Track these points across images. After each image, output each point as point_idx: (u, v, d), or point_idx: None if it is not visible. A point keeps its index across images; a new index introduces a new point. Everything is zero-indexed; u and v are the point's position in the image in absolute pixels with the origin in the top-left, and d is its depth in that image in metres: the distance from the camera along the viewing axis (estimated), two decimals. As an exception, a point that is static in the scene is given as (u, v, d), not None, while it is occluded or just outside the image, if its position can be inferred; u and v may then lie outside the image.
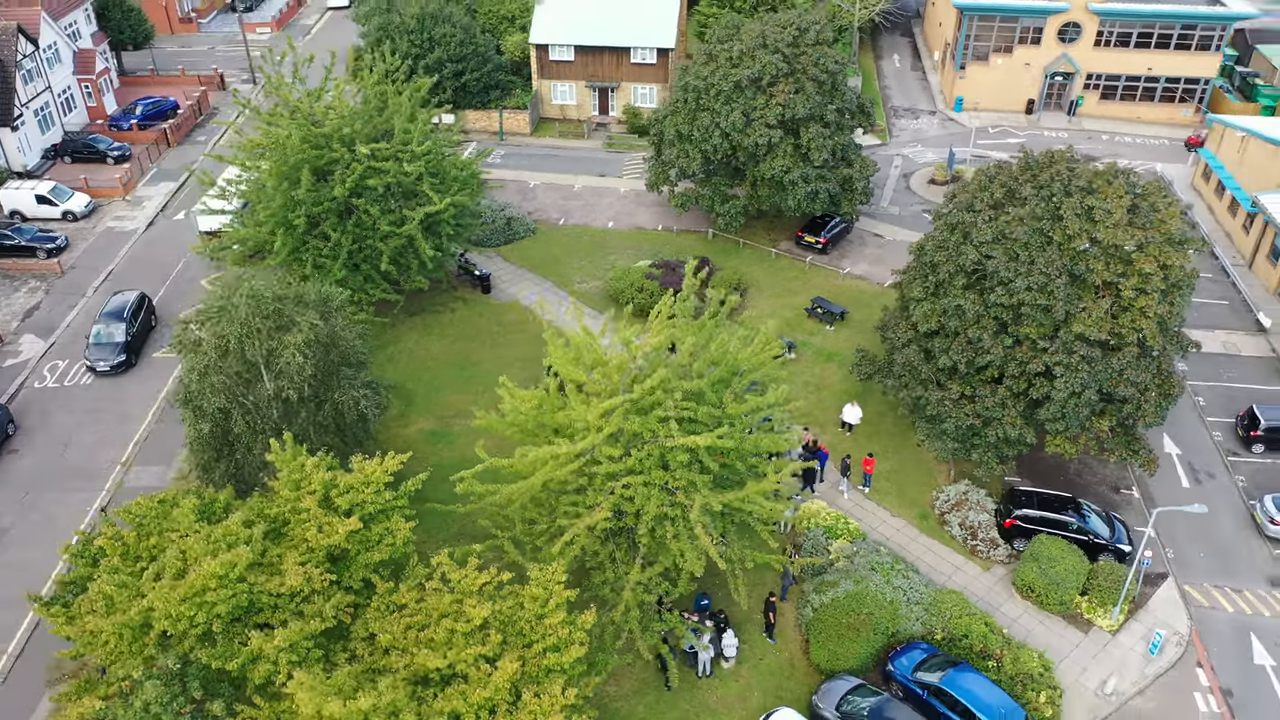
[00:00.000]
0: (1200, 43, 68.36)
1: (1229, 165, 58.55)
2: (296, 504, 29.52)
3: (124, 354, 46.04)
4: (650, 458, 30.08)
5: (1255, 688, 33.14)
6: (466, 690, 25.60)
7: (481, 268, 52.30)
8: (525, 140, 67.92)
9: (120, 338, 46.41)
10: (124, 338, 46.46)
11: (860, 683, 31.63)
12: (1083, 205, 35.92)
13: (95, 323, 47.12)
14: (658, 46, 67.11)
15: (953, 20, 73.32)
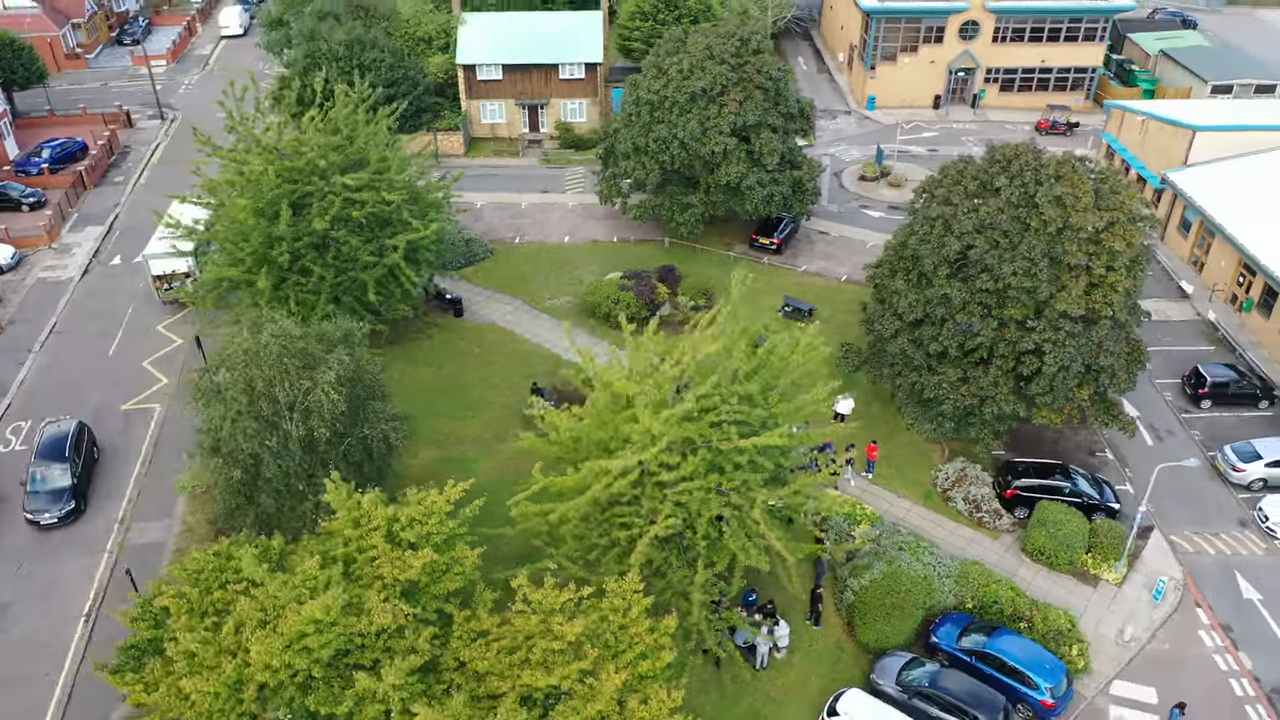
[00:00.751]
0: (1086, 34, 73.63)
1: (1131, 147, 63.34)
2: (363, 542, 29.31)
3: (71, 500, 39.17)
4: (703, 462, 31.06)
5: (1249, 620, 36.39)
6: (577, 705, 26.05)
7: (451, 291, 52.16)
8: (461, 161, 67.67)
9: (64, 481, 39.41)
10: (69, 481, 39.44)
11: (913, 656, 33.39)
12: (1053, 193, 38.72)
13: (31, 464, 39.95)
14: (585, 62, 67.97)
15: (858, 23, 76.75)
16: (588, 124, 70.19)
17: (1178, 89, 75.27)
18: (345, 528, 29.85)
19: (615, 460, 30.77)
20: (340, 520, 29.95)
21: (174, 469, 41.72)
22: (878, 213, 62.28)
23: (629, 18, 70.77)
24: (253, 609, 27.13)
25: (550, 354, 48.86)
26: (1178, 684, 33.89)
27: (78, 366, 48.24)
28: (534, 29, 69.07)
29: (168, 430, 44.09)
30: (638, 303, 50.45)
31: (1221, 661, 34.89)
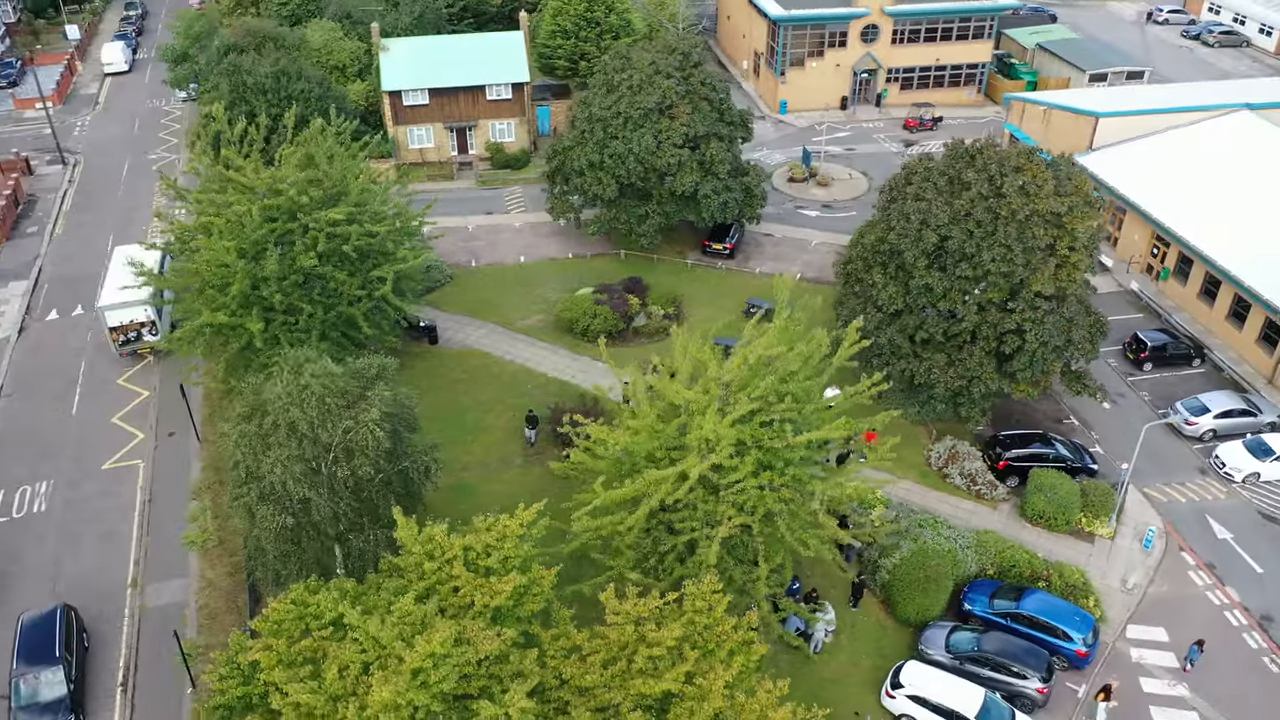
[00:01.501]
0: (975, 33, 78.59)
1: (1035, 135, 68.06)
2: (442, 573, 29.38)
3: (71, 714, 32.50)
4: (754, 462, 32.36)
5: (1227, 558, 40.13)
6: (692, 706, 26.92)
7: (423, 319, 51.86)
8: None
9: (60, 689, 32.56)
10: (64, 688, 32.61)
11: (954, 625, 35.57)
12: (1016, 182, 41.78)
13: (13, 671, 32.93)
14: (512, 82, 68.38)
15: (763, 31, 79.63)
16: (517, 143, 70.55)
17: (1058, 79, 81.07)
18: (421, 561, 29.83)
19: (675, 468, 31.77)
20: (416, 554, 29.88)
21: (175, 526, 40.38)
22: (814, 212, 64.98)
23: (549, 36, 71.52)
24: (354, 652, 26.93)
25: (536, 373, 49.28)
26: (1181, 621, 37.18)
27: (41, 430, 45.83)
28: (457, 52, 69.04)
29: (159, 486, 42.48)
30: (614, 315, 51.39)
31: (1213, 597, 38.43)
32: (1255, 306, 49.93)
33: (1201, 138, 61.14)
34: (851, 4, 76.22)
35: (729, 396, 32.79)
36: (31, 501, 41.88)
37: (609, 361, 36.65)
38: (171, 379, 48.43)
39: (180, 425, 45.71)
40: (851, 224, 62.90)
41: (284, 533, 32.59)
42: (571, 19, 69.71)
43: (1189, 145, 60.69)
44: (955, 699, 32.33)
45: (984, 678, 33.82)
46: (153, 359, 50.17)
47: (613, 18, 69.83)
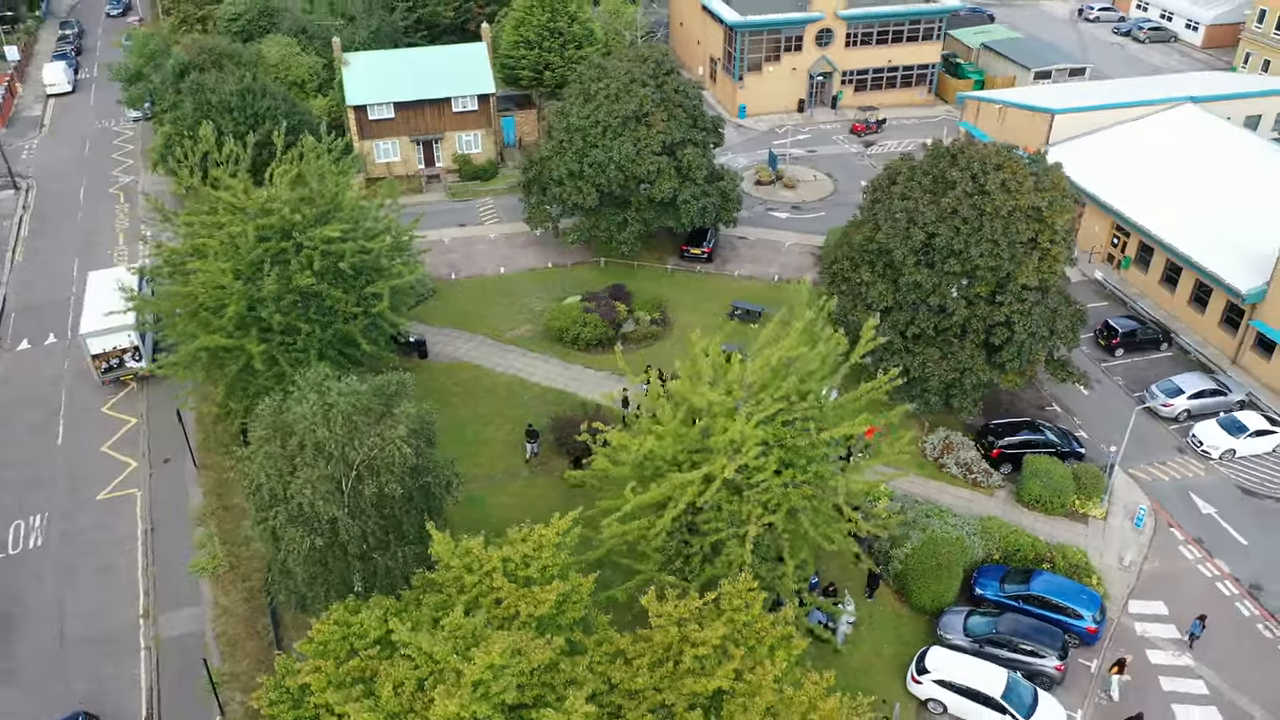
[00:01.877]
0: (924, 34, 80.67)
1: (991, 132, 70.08)
2: (482, 585, 29.53)
3: None
4: (776, 460, 33.07)
5: (1212, 532, 41.99)
6: (744, 702, 27.48)
7: (411, 334, 51.63)
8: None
9: None
10: None
11: (970, 609, 36.70)
12: (998, 179, 43.22)
13: None
14: (478, 94, 68.35)
15: (719, 38, 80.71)
16: (484, 155, 70.52)
17: (1004, 78, 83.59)
18: (460, 575, 29.93)
19: (700, 470, 32.31)
20: (455, 569, 29.96)
21: (181, 554, 39.73)
22: (784, 214, 66.10)
23: (511, 47, 71.60)
24: (407, 669, 26.96)
25: (530, 384, 49.43)
26: (1178, 594, 38.85)
27: (27, 462, 44.66)
28: (420, 64, 68.76)
29: (160, 515, 41.71)
30: (603, 324, 51.79)
31: (1204, 570, 40.21)
32: (1216, 291, 52.24)
33: (1150, 131, 63.70)
34: (806, 9, 77.68)
35: (751, 397, 33.44)
36: (27, 537, 40.81)
37: (625, 369, 36.97)
38: (160, 405, 47.60)
39: (175, 451, 44.92)
40: (821, 224, 64.32)
41: (313, 554, 32.38)
42: (534, 29, 69.92)
43: (1139, 138, 63.18)
44: (980, 680, 33.40)
45: (1003, 659, 34.98)
46: (136, 385, 49.17)
47: (575, 27, 70.21)
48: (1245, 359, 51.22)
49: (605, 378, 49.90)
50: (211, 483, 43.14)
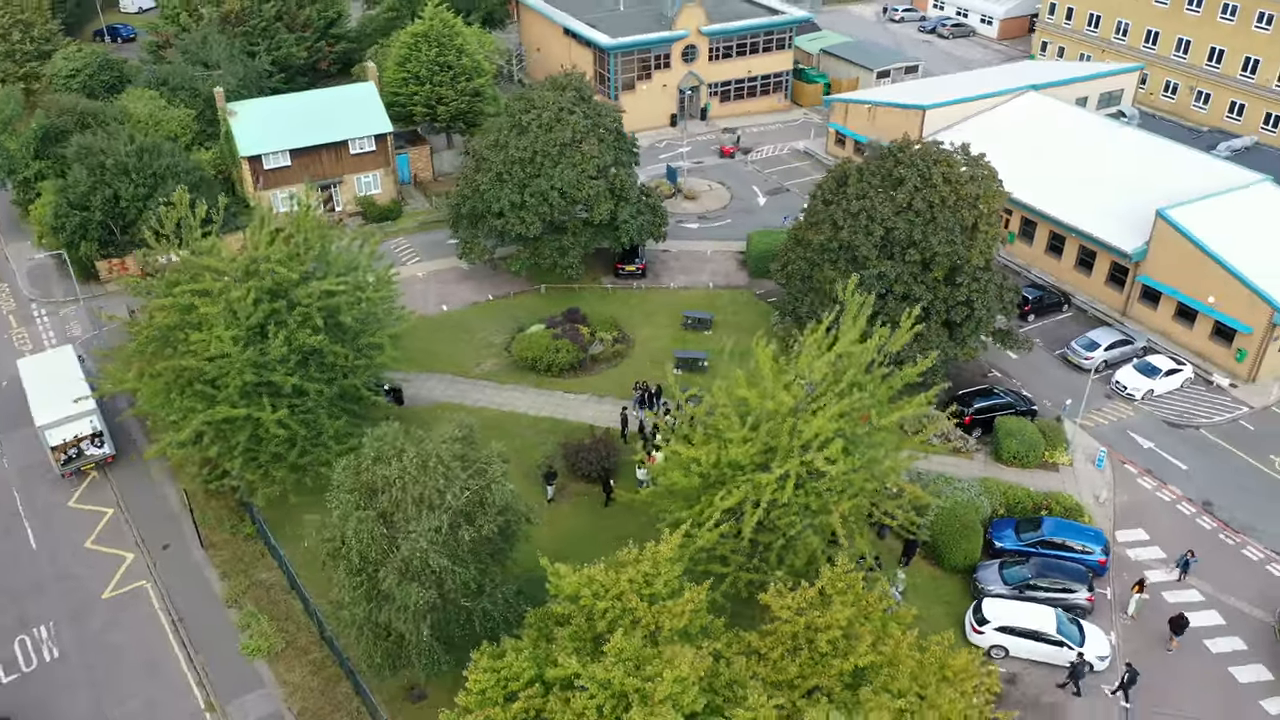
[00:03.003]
0: (777, 44, 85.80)
1: (862, 131, 75.70)
2: (621, 606, 30.36)
3: None
4: (840, 450, 35.59)
5: (1157, 462, 47.98)
6: (889, 672, 29.73)
7: (388, 381, 50.68)
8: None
9: None
10: None
11: (1001, 561, 40.57)
12: (940, 172, 47.66)
13: None
14: (376, 134, 67.32)
15: (588, 60, 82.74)
16: (385, 195, 69.44)
17: (849, 80, 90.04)
18: (590, 602, 30.57)
19: (778, 470, 34.36)
20: (584, 597, 30.52)
21: (223, 640, 37.85)
22: (694, 224, 68.84)
23: (399, 84, 70.74)
24: (583, 700, 27.52)
25: (519, 415, 49.74)
26: (1151, 520, 44.32)
27: (6, 573, 40.91)
28: (312, 109, 66.95)
29: (183, 603, 39.43)
30: (574, 347, 52.73)
31: (1163, 496, 45.98)
32: (1101, 254, 59.20)
33: (1005, 118, 70.88)
34: (671, 28, 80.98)
35: (814, 394, 35.76)
36: (38, 650, 37.60)
37: (671, 384, 38.20)
38: (132, 491, 44.84)
39: (170, 536, 42.45)
40: (731, 231, 67.60)
41: (421, 609, 32.03)
42: (424, 65, 69.41)
43: (997, 126, 70.12)
44: (1036, 621, 37.20)
45: (1042, 599, 38.99)
46: (98, 474, 45.86)
47: (465, 60, 70.28)
48: (1134, 310, 58.34)
49: (587, 400, 50.96)
50: (227, 561, 41.12)
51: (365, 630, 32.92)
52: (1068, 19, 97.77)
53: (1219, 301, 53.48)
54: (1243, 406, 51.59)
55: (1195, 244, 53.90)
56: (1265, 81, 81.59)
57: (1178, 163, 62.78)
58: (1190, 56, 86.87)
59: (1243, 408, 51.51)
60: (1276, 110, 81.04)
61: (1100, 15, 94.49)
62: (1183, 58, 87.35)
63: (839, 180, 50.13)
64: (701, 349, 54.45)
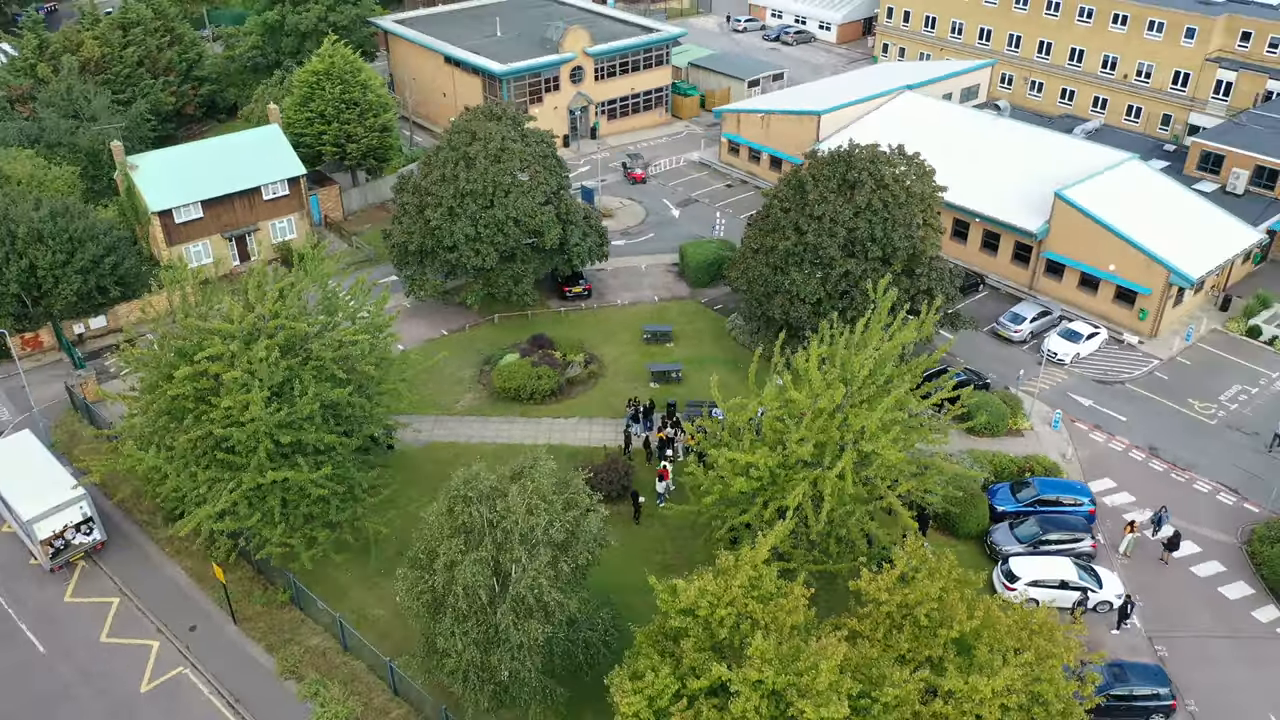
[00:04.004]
0: (656, 61, 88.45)
1: (757, 139, 79.25)
2: (739, 610, 31.61)
3: None
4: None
5: (1100, 417, 53.27)
6: (990, 634, 32.27)
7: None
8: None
9: None
10: None
11: (1010, 522, 44.23)
12: (890, 173, 51.29)
13: None
14: (288, 177, 65.18)
15: (477, 87, 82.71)
16: (301, 239, 67.29)
17: (721, 91, 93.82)
18: (708, 613, 31.61)
19: (837, 467, 36.51)
20: (702, 610, 31.52)
21: (290, 714, 36.45)
22: (620, 241, 70.19)
23: (304, 124, 68.60)
24: (741, 705, 28.63)
25: (515, 446, 49.61)
26: (1114, 469, 49.26)
27: (22, 684, 37.67)
28: (219, 157, 64.02)
29: (235, 683, 37.57)
30: (554, 373, 53.20)
31: (1115, 446, 51.18)
32: (1005, 235, 64.79)
33: (889, 117, 76.03)
34: (558, 51, 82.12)
35: (855, 390, 38.07)
36: (80, 761, 35.05)
37: (715, 394, 39.60)
38: (133, 576, 42.21)
39: (195, 615, 40.28)
40: (657, 244, 69.54)
41: (537, 645, 32.20)
42: (330, 103, 67.61)
43: (885, 124, 74.98)
44: (1060, 572, 40.97)
45: (1054, 551, 42.87)
46: (86, 563, 42.81)
47: (370, 96, 68.94)
48: (1040, 284, 64.20)
49: (577, 423, 51.61)
50: (266, 632, 39.43)
51: (471, 675, 32.72)
52: (905, 21, 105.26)
53: (1119, 268, 59.77)
54: (1153, 359, 57.92)
55: (1093, 219, 60.04)
56: (1091, 69, 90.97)
57: (1054, 147, 69.44)
58: (1022, 50, 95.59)
59: (1154, 360, 57.83)
60: (1103, 94, 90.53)
61: (936, 17, 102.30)
62: (1015, 51, 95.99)
63: (796, 189, 52.86)
64: (667, 361, 56.05)
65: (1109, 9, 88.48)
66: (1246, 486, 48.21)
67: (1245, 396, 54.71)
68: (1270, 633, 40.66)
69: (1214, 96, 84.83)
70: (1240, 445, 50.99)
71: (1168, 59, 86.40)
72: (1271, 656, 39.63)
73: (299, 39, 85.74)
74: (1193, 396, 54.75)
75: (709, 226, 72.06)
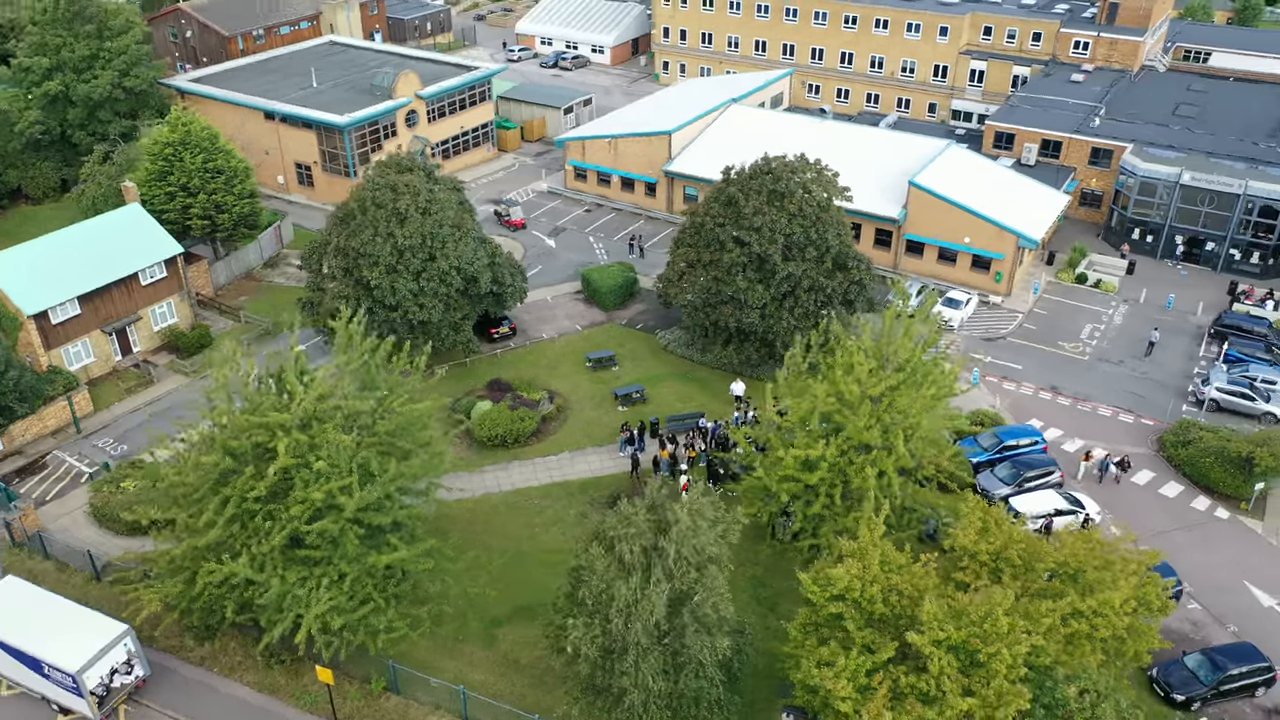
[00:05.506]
0: (479, 98, 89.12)
1: (606, 163, 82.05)
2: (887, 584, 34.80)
3: None
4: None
5: (1001, 369, 61.23)
6: (1074, 564, 37.36)
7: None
8: (110, 416, 55.38)
9: None
10: None
11: (988, 469, 50.36)
12: (809, 180, 56.29)
13: None
14: (166, 258, 60.35)
15: (309, 142, 79.84)
16: (184, 321, 62.46)
17: (537, 120, 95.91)
18: (857, 594, 34.55)
19: (895, 447, 40.68)
20: (853, 593, 34.38)
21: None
22: (513, 277, 70.72)
23: (165, 199, 63.35)
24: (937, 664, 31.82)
25: (525, 491, 49.90)
26: (1036, 411, 57.02)
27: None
28: (84, 245, 57.87)
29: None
30: (531, 413, 53.61)
31: (1025, 391, 59.14)
32: (866, 223, 72.01)
33: (727, 128, 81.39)
34: (392, 96, 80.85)
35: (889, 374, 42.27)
36: None
37: (770, 394, 42.33)
38: (196, 702, 38.75)
39: (293, 732, 37.77)
40: (550, 276, 70.82)
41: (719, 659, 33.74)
42: (193, 174, 62.84)
43: (724, 136, 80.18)
44: (1053, 503, 47.50)
45: (1035, 486, 49.46)
46: (129, 705, 38.68)
47: (234, 162, 64.76)
48: (903, 263, 72.05)
49: (571, 457, 52.55)
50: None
51: (652, 706, 33.64)
52: (682, 39, 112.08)
53: (973, 240, 68.53)
54: (1018, 314, 67.10)
55: (946, 200, 68.44)
56: (861, 69, 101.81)
57: (881, 142, 77.86)
58: (796, 57, 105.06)
59: (1018, 314, 67.00)
60: (873, 90, 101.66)
61: (712, 33, 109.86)
62: (790, 58, 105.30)
63: (728, 205, 56.41)
64: (622, 384, 57.98)
65: (870, 15, 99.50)
66: (1137, 405, 57.61)
67: (1099, 333, 64.84)
68: (1210, 517, 49.37)
69: (970, 84, 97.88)
70: (1115, 374, 60.57)
71: (927, 55, 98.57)
72: (1219, 535, 48.24)
73: (88, 109, 78.49)
74: (1061, 340, 64.10)
75: (588, 251, 74.27)
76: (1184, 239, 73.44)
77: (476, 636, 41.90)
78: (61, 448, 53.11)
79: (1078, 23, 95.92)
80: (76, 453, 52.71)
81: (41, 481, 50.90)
